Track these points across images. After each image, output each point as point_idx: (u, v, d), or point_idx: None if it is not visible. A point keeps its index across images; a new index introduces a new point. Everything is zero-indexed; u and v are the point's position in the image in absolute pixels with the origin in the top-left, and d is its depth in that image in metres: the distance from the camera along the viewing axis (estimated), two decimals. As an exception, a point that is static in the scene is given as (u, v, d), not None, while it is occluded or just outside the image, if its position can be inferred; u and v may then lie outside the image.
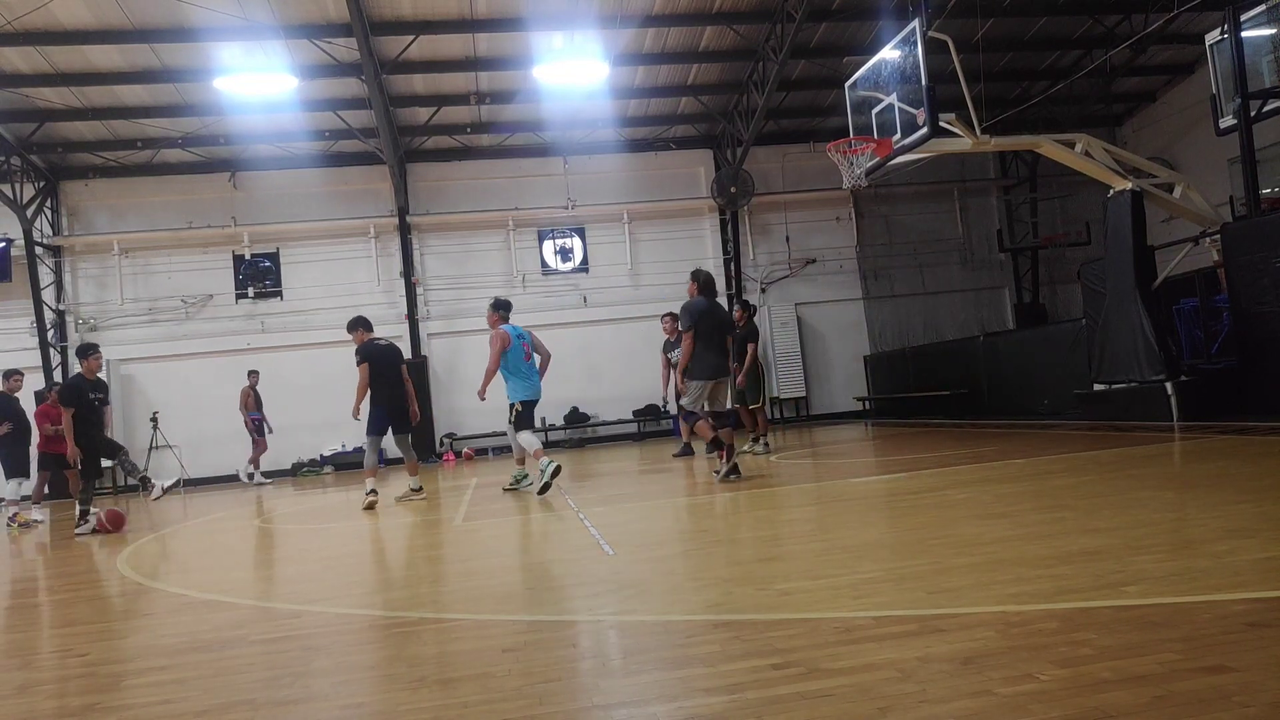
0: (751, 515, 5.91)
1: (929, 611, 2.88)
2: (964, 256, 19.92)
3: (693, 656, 2.64)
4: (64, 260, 17.39)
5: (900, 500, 5.88)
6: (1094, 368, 10.78)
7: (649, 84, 16.90)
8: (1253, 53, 10.29)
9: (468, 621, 3.41)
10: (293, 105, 15.59)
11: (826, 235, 19.39)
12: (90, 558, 6.88)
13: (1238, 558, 3.22)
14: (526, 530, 6.14)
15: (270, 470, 17.11)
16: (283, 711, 2.52)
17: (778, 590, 3.42)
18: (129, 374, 17.21)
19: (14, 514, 10.28)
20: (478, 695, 2.48)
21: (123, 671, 3.11)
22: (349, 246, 18.01)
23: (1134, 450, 7.29)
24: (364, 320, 8.88)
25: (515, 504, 7.80)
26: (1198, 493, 4.97)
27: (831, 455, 9.94)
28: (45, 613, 4.73)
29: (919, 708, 2.08)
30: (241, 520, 9.02)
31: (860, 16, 14.89)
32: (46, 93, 14.89)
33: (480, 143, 18.16)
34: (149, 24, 13.30)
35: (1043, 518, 4.49)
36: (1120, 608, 2.72)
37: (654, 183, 18.86)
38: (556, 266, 18.76)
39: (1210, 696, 1.97)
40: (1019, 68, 17.54)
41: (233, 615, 3.93)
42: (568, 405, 17.83)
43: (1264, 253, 8.77)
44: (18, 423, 10.73)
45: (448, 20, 14.08)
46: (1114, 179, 10.38)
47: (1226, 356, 9.86)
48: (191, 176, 17.56)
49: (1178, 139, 18.00)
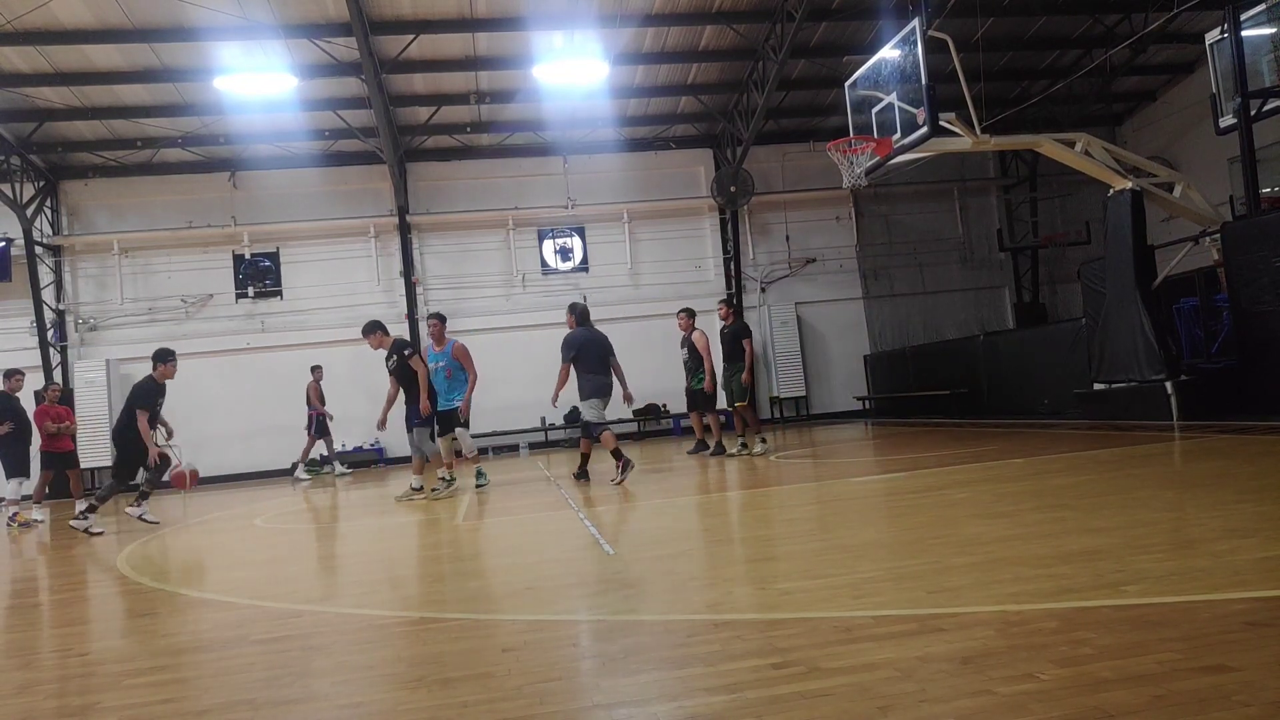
0: (751, 515, 5.92)
1: (929, 611, 2.88)
2: (964, 256, 19.91)
3: (693, 656, 2.64)
4: (64, 260, 17.38)
5: (900, 500, 5.88)
6: (1094, 367, 10.78)
7: (649, 83, 16.90)
8: (1253, 52, 10.29)
9: (468, 621, 3.41)
10: (292, 105, 15.58)
11: (826, 235, 19.39)
12: (90, 558, 6.88)
13: (1238, 557, 3.22)
14: (526, 530, 6.14)
15: (270, 470, 17.14)
16: (283, 711, 2.52)
17: (778, 590, 3.42)
18: (129, 374, 17.13)
19: (14, 514, 10.28)
20: (477, 695, 2.48)
21: (123, 671, 3.11)
22: (349, 246, 18.01)
23: (1134, 450, 7.29)
24: (380, 324, 9.14)
25: (515, 504, 7.80)
26: (1198, 492, 4.97)
27: (831, 455, 9.94)
28: (45, 613, 4.73)
29: (919, 707, 2.08)
30: (241, 520, 9.01)
31: (860, 16, 14.88)
32: (46, 92, 14.88)
33: (480, 142, 18.16)
34: (149, 24, 13.29)
35: (1043, 517, 4.49)
36: (1120, 607, 2.72)
37: (654, 182, 18.86)
38: (556, 266, 18.75)
39: (1210, 696, 1.97)
40: (1019, 67, 17.53)
41: (233, 615, 3.93)
42: (567, 405, 17.77)
43: (1264, 252, 8.77)
44: (19, 422, 10.73)
45: (448, 20, 14.08)
46: (1114, 178, 10.37)
47: (1226, 356, 9.86)
48: (191, 176, 17.55)
49: (1178, 138, 17.99)
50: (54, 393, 11.66)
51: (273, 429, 17.12)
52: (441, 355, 9.19)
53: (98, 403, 16.34)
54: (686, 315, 10.89)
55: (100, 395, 16.39)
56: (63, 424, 11.18)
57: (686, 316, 10.88)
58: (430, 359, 9.11)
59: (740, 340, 10.54)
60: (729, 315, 10.97)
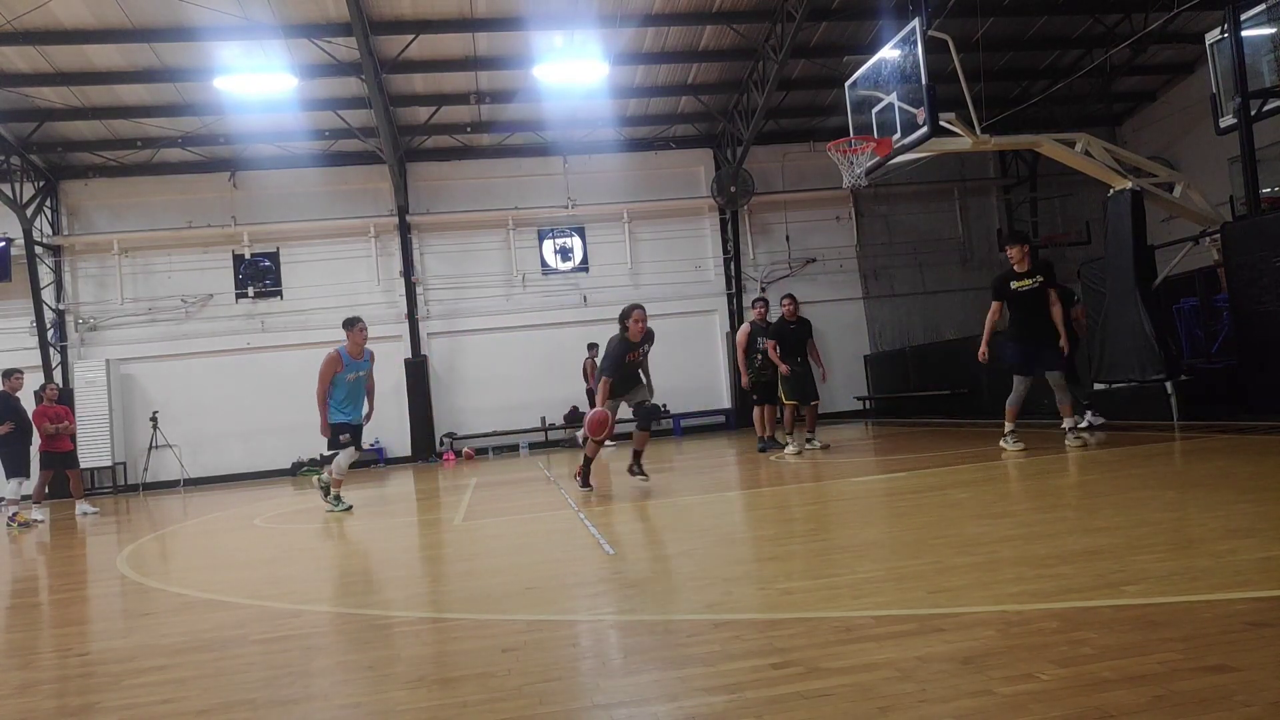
0: (752, 515, 5.91)
1: (929, 611, 2.88)
2: (964, 256, 19.91)
3: (693, 656, 2.64)
4: (64, 260, 17.38)
5: (900, 500, 5.87)
6: (1094, 367, 10.77)
7: (649, 83, 16.90)
8: (1253, 52, 10.28)
9: (468, 621, 3.41)
10: (293, 105, 15.58)
11: (826, 235, 19.39)
12: (90, 558, 6.88)
13: (1238, 557, 3.22)
14: (526, 530, 6.14)
15: (270, 470, 17.14)
16: (283, 711, 2.52)
17: (778, 590, 3.42)
18: (129, 374, 17.20)
19: (14, 513, 10.28)
20: (477, 695, 2.47)
21: (123, 671, 3.11)
22: (349, 246, 18.01)
23: (1134, 450, 7.29)
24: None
25: (516, 504, 7.80)
26: (1198, 492, 4.96)
27: (831, 455, 9.93)
28: (45, 612, 4.72)
29: (919, 707, 2.07)
30: (241, 520, 9.01)
31: (860, 16, 14.89)
32: (46, 92, 14.88)
33: (480, 142, 18.16)
34: (149, 24, 13.29)
35: (1043, 517, 4.49)
36: (1121, 607, 2.71)
37: (654, 182, 18.87)
38: (556, 266, 18.75)
39: (1211, 696, 1.97)
40: (1019, 67, 17.54)
41: (233, 615, 3.93)
42: (568, 405, 17.84)
43: (1264, 252, 8.77)
44: (19, 422, 10.73)
45: (448, 20, 14.08)
46: (1114, 178, 10.37)
47: (1226, 356, 9.85)
48: (191, 176, 17.56)
49: (1178, 138, 17.99)
50: (52, 392, 11.67)
51: (272, 429, 17.13)
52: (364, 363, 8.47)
53: (98, 403, 16.34)
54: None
55: (100, 395, 16.39)
56: (61, 424, 11.19)
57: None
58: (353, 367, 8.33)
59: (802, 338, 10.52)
60: (794, 310, 10.57)
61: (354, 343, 8.30)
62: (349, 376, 8.22)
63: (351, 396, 8.29)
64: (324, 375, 8.16)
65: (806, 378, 10.54)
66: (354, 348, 8.29)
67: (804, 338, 10.56)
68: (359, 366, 8.32)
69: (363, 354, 8.40)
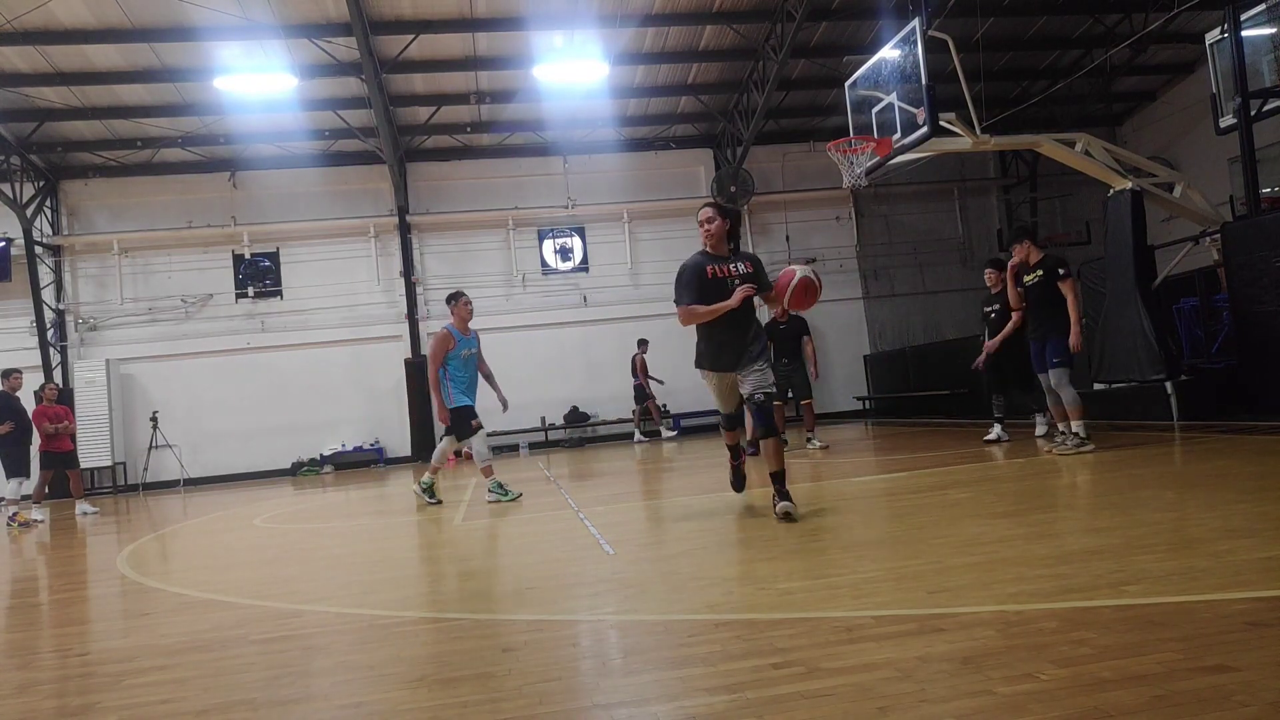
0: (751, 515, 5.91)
1: (929, 611, 2.88)
2: (964, 256, 19.91)
3: (693, 656, 2.64)
4: (64, 260, 17.38)
5: (900, 499, 5.87)
6: (1094, 367, 10.77)
7: (649, 83, 16.90)
8: (1253, 52, 10.29)
9: (468, 621, 3.41)
10: (292, 105, 15.59)
11: (826, 235, 19.40)
12: (90, 558, 6.88)
13: (1238, 557, 3.22)
14: (526, 530, 6.14)
15: (270, 470, 17.15)
16: (283, 711, 2.52)
17: (778, 590, 3.42)
18: (129, 374, 17.20)
19: (14, 513, 10.29)
20: (477, 695, 2.47)
21: (123, 671, 3.11)
22: (349, 246, 18.01)
23: (1134, 450, 7.29)
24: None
25: (515, 504, 7.80)
26: (1198, 492, 4.96)
27: (831, 455, 9.93)
28: (45, 612, 4.72)
29: (919, 707, 2.07)
30: (241, 520, 9.01)
31: (860, 16, 14.89)
32: (46, 92, 14.88)
33: (480, 142, 18.16)
34: (149, 24, 13.30)
35: (1043, 517, 4.49)
36: (1121, 607, 2.72)
37: (654, 182, 18.87)
38: (556, 266, 18.75)
39: (1211, 696, 1.97)
40: (1019, 67, 17.54)
41: (233, 615, 3.93)
42: (568, 404, 17.84)
43: (1264, 252, 8.77)
44: (19, 422, 10.73)
45: (448, 20, 14.08)
46: (1114, 178, 10.37)
47: (1226, 356, 9.86)
48: (191, 176, 17.56)
49: (1178, 138, 17.99)
50: (51, 392, 11.67)
51: (272, 429, 17.15)
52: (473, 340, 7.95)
53: (98, 403, 16.34)
54: (998, 271, 9.31)
55: (100, 395, 16.39)
56: (61, 424, 11.19)
57: (997, 273, 9.36)
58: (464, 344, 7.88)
59: (801, 337, 10.47)
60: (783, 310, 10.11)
61: (459, 317, 7.84)
62: (464, 353, 7.76)
63: (471, 376, 7.88)
64: (435, 355, 7.67)
65: (791, 378, 10.44)
66: (460, 323, 7.83)
67: (795, 337, 10.49)
68: (470, 344, 7.84)
69: (469, 331, 7.91)
